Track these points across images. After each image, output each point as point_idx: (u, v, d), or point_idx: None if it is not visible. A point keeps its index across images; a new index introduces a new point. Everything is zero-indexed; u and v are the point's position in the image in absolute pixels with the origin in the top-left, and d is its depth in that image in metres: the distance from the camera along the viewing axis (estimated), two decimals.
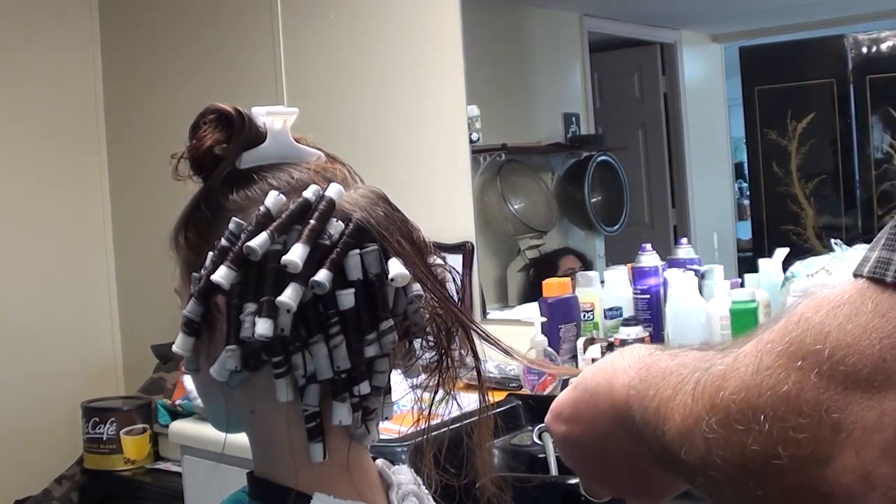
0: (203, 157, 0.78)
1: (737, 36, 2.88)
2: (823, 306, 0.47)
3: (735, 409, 0.48)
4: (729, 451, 0.48)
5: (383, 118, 2.74)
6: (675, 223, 2.85)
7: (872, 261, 0.46)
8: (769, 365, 0.47)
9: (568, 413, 0.72)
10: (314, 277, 0.71)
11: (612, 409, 0.65)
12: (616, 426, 0.65)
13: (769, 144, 2.62)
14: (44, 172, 3.37)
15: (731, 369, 0.49)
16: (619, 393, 0.64)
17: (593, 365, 0.71)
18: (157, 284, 1.91)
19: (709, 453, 0.49)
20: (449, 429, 0.79)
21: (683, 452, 0.51)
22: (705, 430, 0.49)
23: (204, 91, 3.12)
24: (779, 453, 0.45)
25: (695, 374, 0.53)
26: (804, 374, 0.45)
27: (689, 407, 0.51)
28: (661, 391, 0.57)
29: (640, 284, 2.24)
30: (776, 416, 0.46)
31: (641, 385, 0.61)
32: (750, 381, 0.47)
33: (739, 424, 0.47)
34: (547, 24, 2.92)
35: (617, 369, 0.66)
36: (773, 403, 0.46)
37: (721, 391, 0.49)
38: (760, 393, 0.46)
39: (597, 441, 0.68)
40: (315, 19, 2.87)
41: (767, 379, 0.47)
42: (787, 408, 0.45)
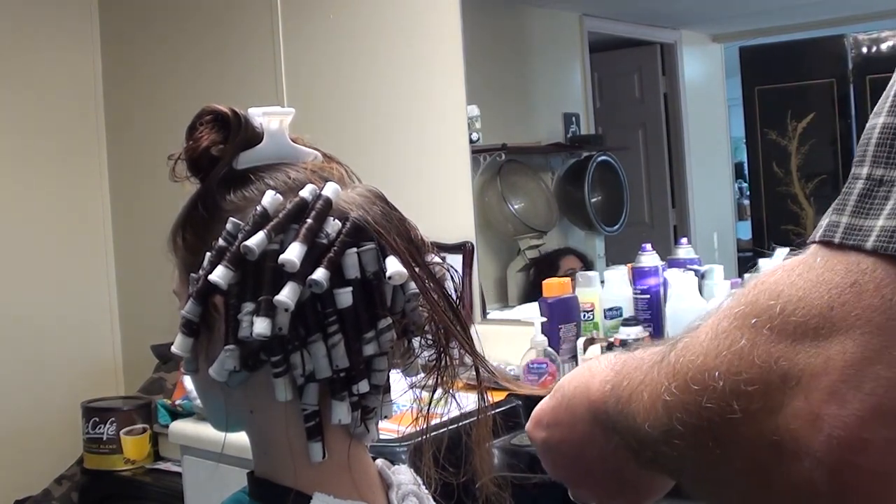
0: (200, 158, 0.78)
1: (737, 36, 2.87)
2: (778, 269, 0.48)
3: (693, 371, 0.48)
4: (686, 413, 0.48)
5: (383, 118, 2.74)
6: (675, 223, 2.84)
7: (823, 226, 0.47)
8: (725, 328, 0.48)
9: (548, 419, 0.72)
10: (312, 276, 0.71)
11: (588, 410, 0.65)
12: (593, 426, 0.65)
13: (769, 144, 2.62)
14: (44, 173, 3.37)
15: (692, 339, 0.50)
16: (595, 392, 0.65)
17: (572, 371, 0.72)
18: (157, 284, 1.91)
19: (669, 420, 0.49)
20: (448, 428, 0.79)
21: (648, 426, 0.52)
22: (665, 396, 0.50)
23: (204, 91, 3.12)
24: (733, 407, 0.46)
25: (662, 354, 0.54)
26: (757, 331, 0.46)
27: (655, 381, 0.52)
28: (633, 378, 0.57)
29: (640, 284, 2.23)
30: (729, 371, 0.46)
31: (616, 378, 0.61)
32: (708, 346, 0.48)
33: (696, 384, 0.48)
34: (547, 24, 2.92)
35: (594, 372, 0.66)
36: (727, 361, 0.47)
37: (680, 358, 0.50)
38: (718, 354, 0.47)
39: (576, 446, 0.68)
40: (315, 19, 2.87)
41: (724, 340, 0.47)
42: (739, 363, 0.46)
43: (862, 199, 0.46)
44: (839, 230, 0.46)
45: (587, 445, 0.67)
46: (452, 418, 0.80)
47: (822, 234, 0.47)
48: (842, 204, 0.47)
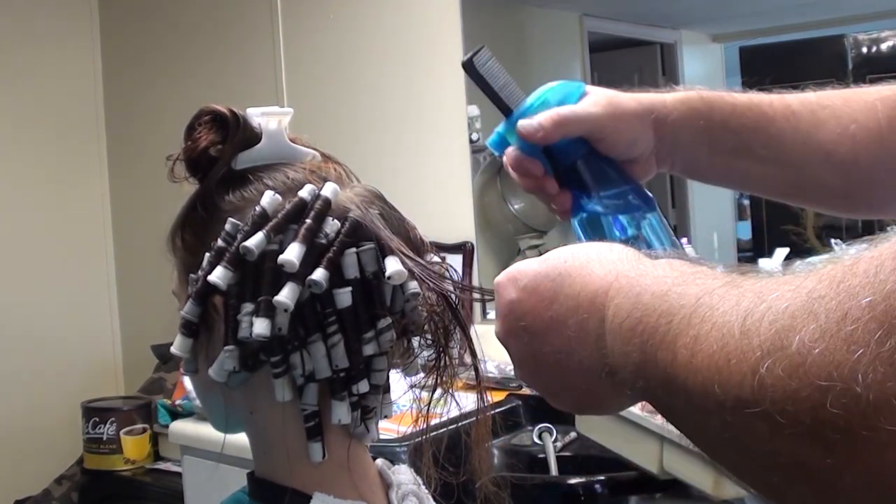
0: (199, 158, 0.78)
1: (737, 36, 2.88)
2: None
3: (814, 360, 0.39)
4: (795, 407, 0.39)
5: (383, 118, 2.74)
6: (675, 223, 2.84)
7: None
8: (859, 317, 0.38)
9: (526, 282, 0.62)
10: (311, 276, 0.71)
11: (576, 296, 0.57)
12: (573, 314, 0.57)
13: None
14: (44, 172, 3.37)
15: (802, 311, 0.40)
16: (596, 281, 0.56)
17: (574, 245, 0.63)
18: (157, 284, 1.90)
19: (761, 400, 0.40)
20: (448, 428, 0.79)
21: (717, 386, 0.42)
22: (763, 373, 0.40)
23: (204, 91, 3.12)
24: (874, 424, 0.36)
25: (734, 296, 0.44)
26: (885, 332, 0.36)
27: (736, 339, 0.42)
28: (674, 297, 0.48)
29: None
30: (875, 378, 0.37)
31: (639, 279, 0.52)
32: (835, 331, 0.38)
33: (819, 379, 0.38)
34: (547, 24, 2.92)
35: (602, 258, 0.58)
36: (869, 363, 0.37)
37: (793, 333, 0.40)
38: (850, 349, 0.37)
39: (543, 323, 0.60)
40: (315, 19, 2.87)
41: (861, 334, 0.38)
42: (888, 371, 0.36)
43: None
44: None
45: (552, 330, 0.59)
46: (452, 418, 0.80)
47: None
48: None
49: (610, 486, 1.63)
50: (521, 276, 0.63)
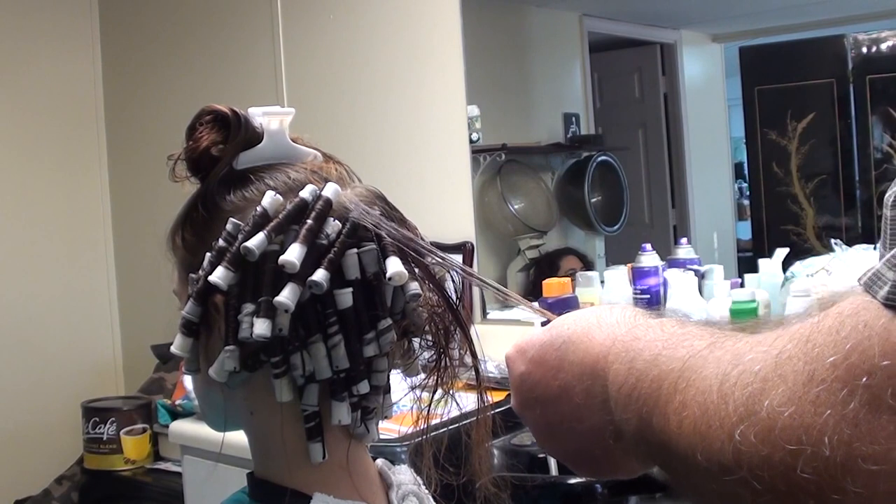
0: (200, 158, 0.78)
1: (737, 36, 2.87)
2: (884, 314, 0.38)
3: (784, 423, 0.39)
4: (769, 473, 0.39)
5: (383, 118, 2.74)
6: (675, 223, 2.84)
7: (890, 284, 0.38)
8: (824, 378, 0.38)
9: (533, 353, 0.64)
10: (312, 277, 0.71)
11: (580, 362, 0.58)
12: (579, 381, 0.58)
13: (769, 144, 2.62)
14: (44, 173, 3.37)
15: (772, 373, 0.41)
16: (597, 347, 0.57)
17: (576, 312, 0.64)
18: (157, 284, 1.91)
19: (739, 467, 0.41)
20: (448, 429, 0.79)
21: (699, 454, 0.43)
22: (738, 439, 0.41)
23: (204, 91, 3.12)
24: (843, 487, 0.37)
25: (715, 359, 0.45)
26: (875, 395, 0.37)
27: (715, 404, 0.43)
28: (664, 361, 0.48)
29: (640, 284, 2.23)
30: (841, 440, 0.37)
31: (633, 343, 0.53)
32: (802, 394, 0.39)
33: (789, 444, 0.38)
34: (547, 24, 2.92)
35: (602, 322, 0.59)
36: (835, 424, 0.37)
37: (763, 398, 0.40)
38: (817, 410, 0.38)
39: (553, 392, 0.61)
40: (315, 19, 2.87)
41: (825, 395, 0.38)
42: (854, 433, 0.37)
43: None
44: None
45: (562, 399, 0.60)
46: (452, 418, 0.80)
47: (887, 294, 0.38)
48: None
49: (610, 486, 1.63)
50: (528, 346, 0.66)
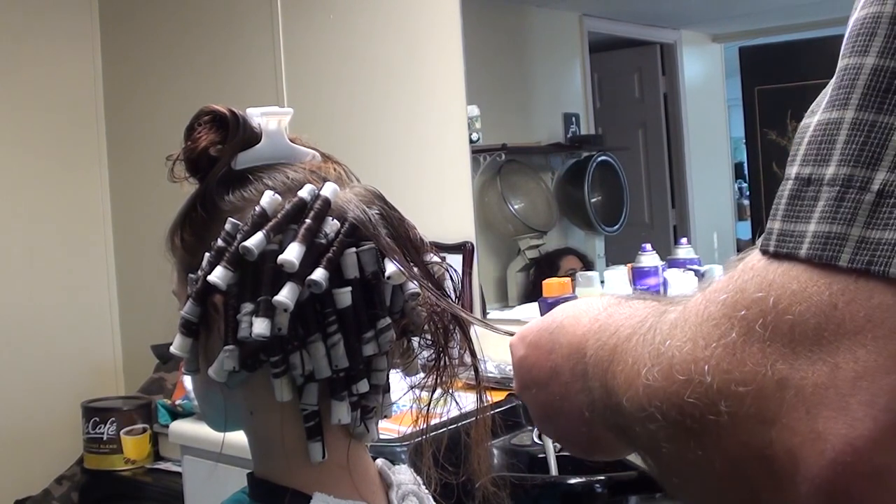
0: (198, 158, 0.78)
1: (737, 36, 2.87)
2: (763, 257, 0.43)
3: (679, 358, 0.43)
4: (666, 403, 0.44)
5: (383, 118, 2.74)
6: (675, 223, 2.84)
7: (809, 236, 0.41)
8: (713, 314, 0.43)
9: (531, 338, 0.69)
10: (311, 276, 0.71)
11: (568, 344, 0.62)
12: (566, 362, 0.62)
13: (769, 144, 2.62)
14: (44, 173, 3.37)
15: (680, 318, 0.45)
16: (582, 328, 0.61)
17: (567, 304, 0.69)
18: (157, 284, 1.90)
19: (648, 404, 0.45)
20: (448, 428, 0.79)
21: (626, 400, 0.47)
22: (645, 378, 0.45)
23: (204, 91, 3.12)
24: (718, 409, 0.41)
25: (649, 321, 0.50)
26: (748, 326, 0.41)
27: (639, 353, 0.48)
28: (620, 333, 0.53)
29: (640, 284, 2.24)
30: (719, 367, 0.41)
31: (606, 320, 0.57)
32: (696, 331, 0.43)
33: (680, 375, 0.43)
34: (547, 24, 2.92)
35: (590, 308, 0.63)
36: (716, 354, 0.41)
37: (668, 339, 0.45)
38: (706, 343, 0.42)
39: (545, 373, 0.65)
40: (315, 19, 2.87)
41: (712, 329, 0.42)
42: (730, 360, 0.41)
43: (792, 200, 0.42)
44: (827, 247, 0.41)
45: (553, 380, 0.64)
46: (452, 418, 0.80)
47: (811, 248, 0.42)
48: (831, 212, 0.41)
49: (610, 486, 1.63)
50: (527, 333, 0.70)
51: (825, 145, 0.41)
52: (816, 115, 0.43)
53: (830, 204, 0.40)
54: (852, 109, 0.40)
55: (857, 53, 0.41)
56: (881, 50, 0.40)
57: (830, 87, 0.43)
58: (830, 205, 0.40)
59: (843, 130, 0.40)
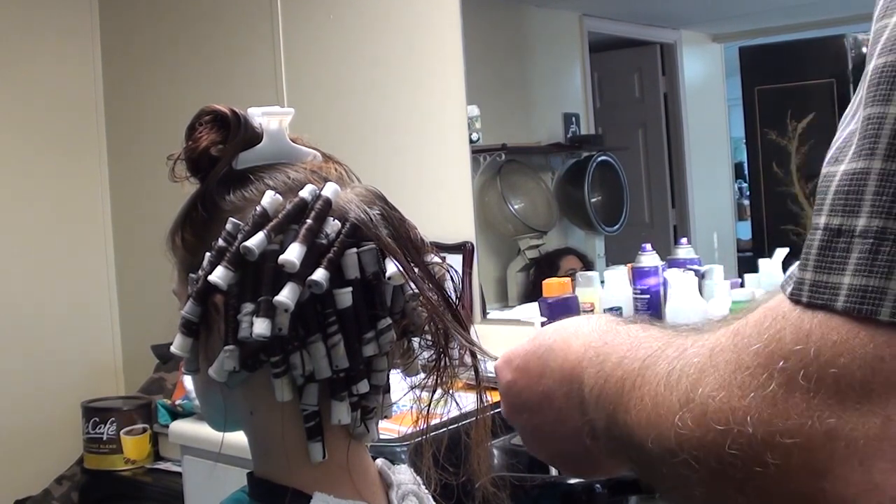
0: (199, 158, 0.78)
1: (737, 36, 2.87)
2: (796, 306, 0.43)
3: (714, 406, 0.43)
4: (703, 452, 0.44)
5: (383, 118, 2.74)
6: (675, 223, 2.84)
7: (845, 288, 0.41)
8: (746, 363, 0.43)
9: (518, 363, 0.69)
10: (311, 277, 0.71)
11: (560, 368, 0.63)
12: (559, 387, 0.63)
13: (769, 144, 2.62)
14: (44, 173, 3.37)
15: (708, 364, 0.45)
16: (574, 354, 0.61)
17: (556, 322, 0.69)
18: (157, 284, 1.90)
19: (681, 450, 0.45)
20: (448, 428, 0.79)
21: (651, 442, 0.47)
22: (678, 424, 0.45)
23: (204, 91, 3.12)
24: (765, 461, 0.41)
25: (667, 357, 0.49)
26: (789, 376, 0.41)
27: (662, 395, 0.47)
28: (627, 363, 0.53)
29: (640, 284, 2.23)
30: (761, 418, 0.41)
31: (602, 352, 0.57)
32: (730, 380, 0.43)
33: (718, 424, 0.43)
34: (547, 24, 2.92)
35: (579, 331, 0.63)
36: (757, 405, 0.41)
37: (699, 386, 0.44)
38: (743, 393, 0.42)
39: (536, 398, 0.66)
40: (315, 19, 2.87)
41: (749, 379, 0.42)
42: (773, 411, 0.41)
43: (822, 252, 0.42)
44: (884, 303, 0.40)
45: (545, 404, 0.65)
46: (452, 418, 0.80)
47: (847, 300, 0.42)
48: (866, 264, 0.41)
49: (610, 486, 1.63)
50: (514, 356, 0.70)
51: (853, 196, 0.41)
52: (843, 165, 0.42)
53: (865, 256, 0.40)
54: (879, 160, 0.40)
55: (880, 102, 0.41)
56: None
57: (854, 137, 0.43)
58: (865, 257, 0.40)
59: (872, 181, 0.40)
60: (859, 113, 0.42)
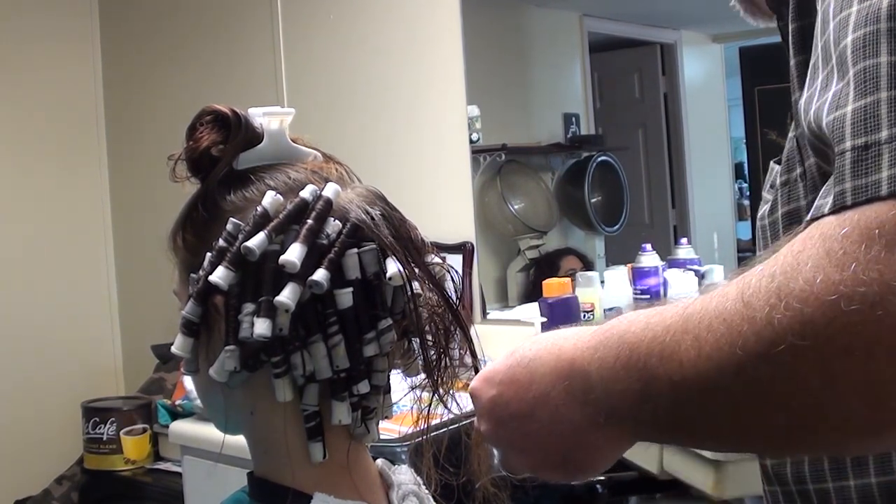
0: (200, 158, 0.78)
1: (737, 36, 2.87)
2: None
3: (819, 288, 0.48)
4: (813, 325, 0.48)
5: (383, 118, 2.74)
6: (675, 223, 2.84)
7: (885, 179, 0.48)
8: (839, 248, 0.48)
9: (502, 377, 0.70)
10: (312, 277, 0.71)
11: (553, 370, 0.64)
12: (554, 386, 0.64)
13: (769, 144, 2.62)
14: (44, 173, 3.37)
15: (791, 264, 0.50)
16: (567, 353, 0.63)
17: (529, 340, 0.70)
18: (157, 284, 1.91)
19: (783, 337, 0.48)
20: (448, 429, 0.79)
21: (740, 348, 0.50)
22: (778, 316, 0.49)
23: (204, 91, 3.12)
24: (885, 303, 0.46)
25: (717, 295, 0.53)
26: (890, 238, 0.47)
27: (739, 311, 0.51)
28: (655, 325, 0.56)
29: (640, 284, 2.23)
30: (871, 278, 0.46)
31: (608, 333, 0.60)
32: (824, 264, 0.48)
33: (829, 295, 0.47)
34: (547, 24, 2.92)
35: (567, 336, 0.65)
36: (863, 269, 0.47)
37: (792, 281, 0.49)
38: (844, 268, 0.47)
39: (528, 404, 0.66)
40: (315, 20, 2.87)
41: (844, 257, 0.47)
42: (881, 267, 0.46)
43: (856, 164, 0.50)
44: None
45: (539, 407, 0.65)
46: (452, 418, 0.80)
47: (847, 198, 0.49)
48: (840, 174, 0.50)
49: (610, 486, 1.63)
50: (494, 373, 0.71)
51: (871, 119, 0.50)
52: (849, 105, 0.51)
53: (894, 154, 0.48)
54: (885, 90, 0.50)
55: (871, 56, 0.51)
56: (890, 51, 0.50)
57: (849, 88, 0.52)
58: (894, 155, 0.48)
59: (884, 105, 0.49)
60: (850, 72, 0.51)
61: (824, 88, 0.55)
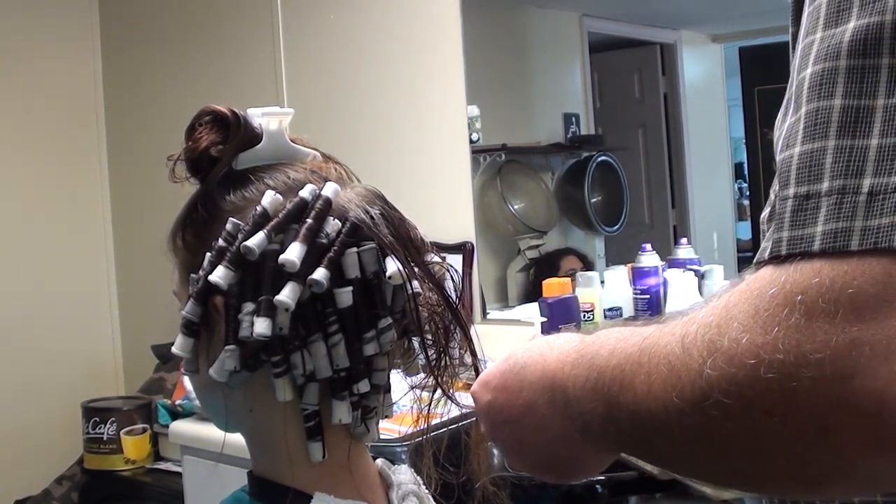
0: (199, 158, 0.78)
1: (737, 36, 2.87)
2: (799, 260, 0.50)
3: (743, 347, 0.49)
4: (736, 386, 0.49)
5: (383, 118, 2.74)
6: (675, 223, 2.84)
7: (819, 235, 0.49)
8: (766, 307, 0.49)
9: (496, 383, 0.72)
10: (312, 276, 0.71)
11: (540, 380, 0.67)
12: (540, 396, 0.66)
13: (769, 144, 2.61)
14: (44, 173, 3.37)
15: (724, 319, 0.51)
16: (551, 364, 0.66)
17: (524, 344, 0.72)
18: (157, 284, 1.91)
19: (711, 391, 0.50)
20: (448, 428, 0.79)
21: (675, 397, 0.52)
22: (707, 371, 0.50)
23: (204, 91, 3.12)
24: (800, 376, 0.47)
25: (670, 332, 0.54)
26: (809, 306, 0.47)
27: (679, 357, 0.52)
28: (621, 351, 0.58)
29: (640, 284, 2.23)
30: (790, 345, 0.47)
31: (586, 349, 0.62)
32: (752, 324, 0.49)
33: (750, 359, 0.48)
34: (547, 24, 2.92)
35: (553, 346, 0.68)
36: (784, 335, 0.47)
37: (721, 337, 0.50)
38: (767, 331, 0.48)
39: (518, 411, 0.69)
40: (315, 19, 2.87)
41: (770, 319, 0.48)
42: (799, 336, 0.47)
43: (795, 213, 0.50)
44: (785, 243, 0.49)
45: (527, 414, 0.68)
46: (452, 418, 0.80)
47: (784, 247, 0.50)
48: (779, 222, 0.50)
49: (610, 486, 1.63)
50: (490, 378, 0.73)
51: (815, 168, 0.50)
52: (797, 147, 0.51)
53: (832, 209, 0.48)
54: (833, 139, 0.49)
55: (825, 98, 0.50)
56: (844, 93, 0.50)
57: (799, 126, 0.52)
58: (832, 209, 0.48)
59: (829, 154, 0.49)
60: (803, 109, 0.52)
61: (785, 115, 0.55)
